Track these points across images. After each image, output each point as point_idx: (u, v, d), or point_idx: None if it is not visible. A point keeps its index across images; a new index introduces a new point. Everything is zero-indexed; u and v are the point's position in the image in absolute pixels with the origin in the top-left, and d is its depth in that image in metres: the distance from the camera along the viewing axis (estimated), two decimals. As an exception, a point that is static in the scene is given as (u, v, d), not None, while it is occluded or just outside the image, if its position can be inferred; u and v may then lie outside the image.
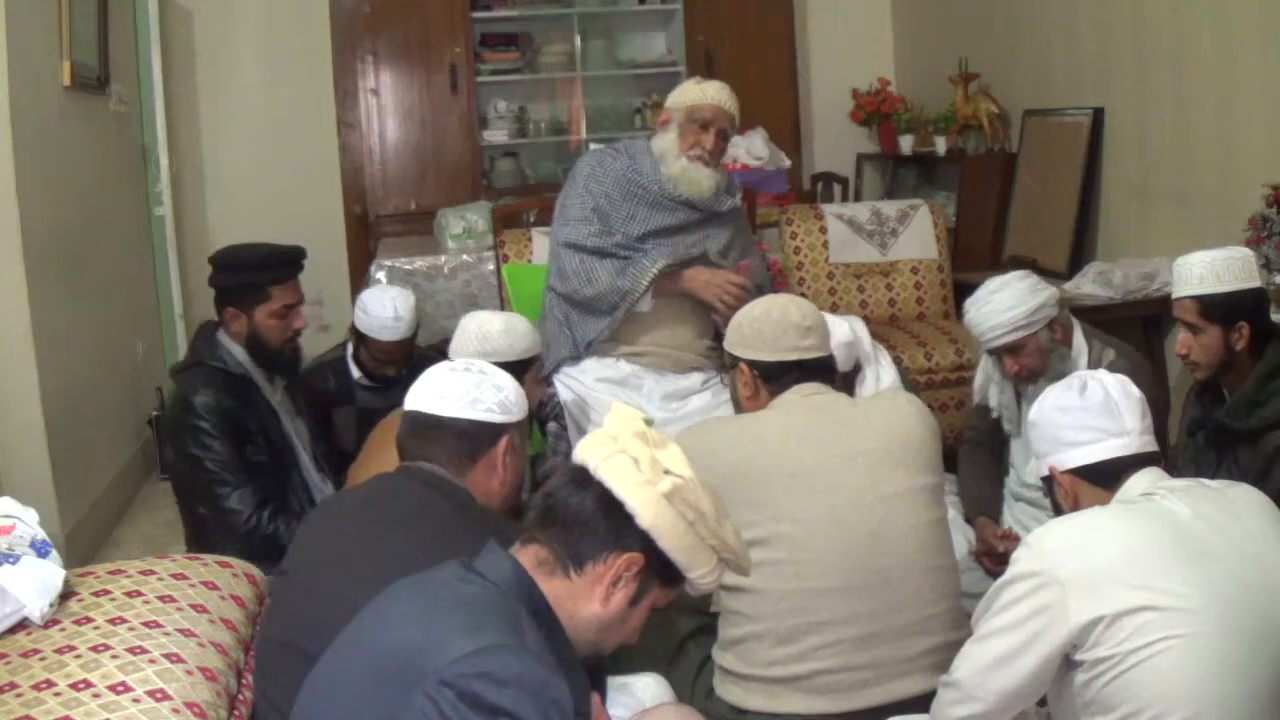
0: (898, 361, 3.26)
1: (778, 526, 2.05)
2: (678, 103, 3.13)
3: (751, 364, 2.24)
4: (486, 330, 2.65)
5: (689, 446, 2.12)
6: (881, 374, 2.90)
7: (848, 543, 2.04)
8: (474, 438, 1.92)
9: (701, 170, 3.09)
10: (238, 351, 2.85)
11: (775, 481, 2.07)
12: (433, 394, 1.94)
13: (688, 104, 3.10)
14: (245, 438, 2.77)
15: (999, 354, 2.77)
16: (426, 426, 1.94)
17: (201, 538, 2.89)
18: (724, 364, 3.27)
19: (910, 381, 3.16)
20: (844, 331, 2.77)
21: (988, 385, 2.96)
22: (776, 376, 2.21)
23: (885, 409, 2.19)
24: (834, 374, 2.30)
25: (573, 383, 3.14)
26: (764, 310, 2.27)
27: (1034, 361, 2.73)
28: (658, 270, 3.05)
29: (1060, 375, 2.69)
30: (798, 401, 2.18)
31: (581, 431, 3.04)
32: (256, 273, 2.84)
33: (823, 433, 2.11)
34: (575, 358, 3.16)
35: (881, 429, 2.12)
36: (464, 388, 1.92)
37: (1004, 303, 2.71)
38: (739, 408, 2.35)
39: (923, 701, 1.98)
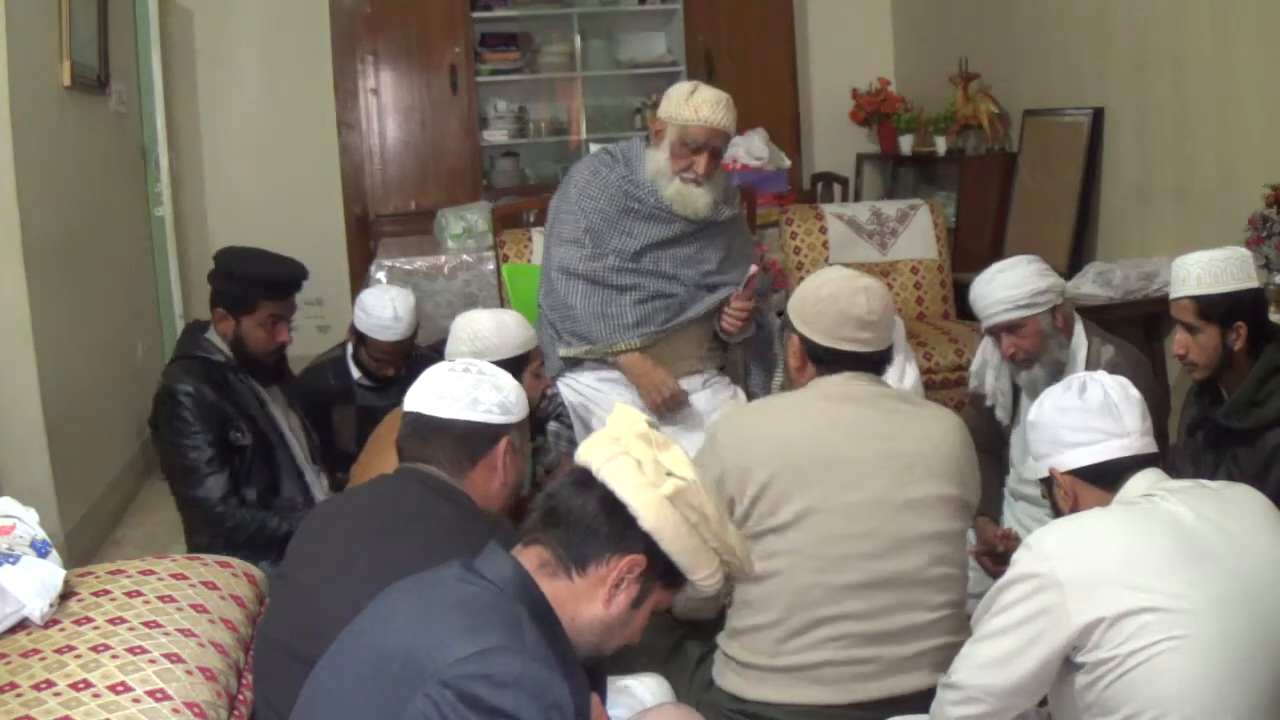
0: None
1: (802, 518, 2.05)
2: (670, 117, 2.98)
3: (804, 339, 2.22)
4: (477, 329, 2.63)
5: (729, 429, 2.14)
6: (907, 370, 2.89)
7: (870, 541, 2.04)
8: (474, 439, 1.91)
9: (695, 191, 3.00)
10: (222, 345, 2.90)
11: (811, 471, 2.06)
12: (432, 395, 1.93)
13: (679, 123, 2.96)
14: (228, 423, 2.82)
15: (998, 333, 2.78)
16: (426, 428, 1.93)
17: (195, 530, 2.90)
18: (725, 362, 3.28)
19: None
20: None
21: (984, 370, 2.96)
22: (826, 361, 2.19)
23: (928, 417, 2.17)
24: (886, 364, 2.26)
25: (575, 383, 3.13)
26: (833, 293, 2.20)
27: (1031, 344, 2.74)
28: (627, 348, 3.01)
29: (1056, 364, 2.72)
30: (843, 387, 2.15)
31: (587, 430, 3.03)
32: (251, 286, 2.88)
33: (863, 429, 2.11)
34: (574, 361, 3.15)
35: (919, 435, 2.11)
36: (463, 389, 1.91)
37: (1010, 280, 2.73)
38: (788, 371, 2.34)
39: (923, 697, 1.99)
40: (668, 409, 3.02)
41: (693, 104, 2.94)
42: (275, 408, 2.96)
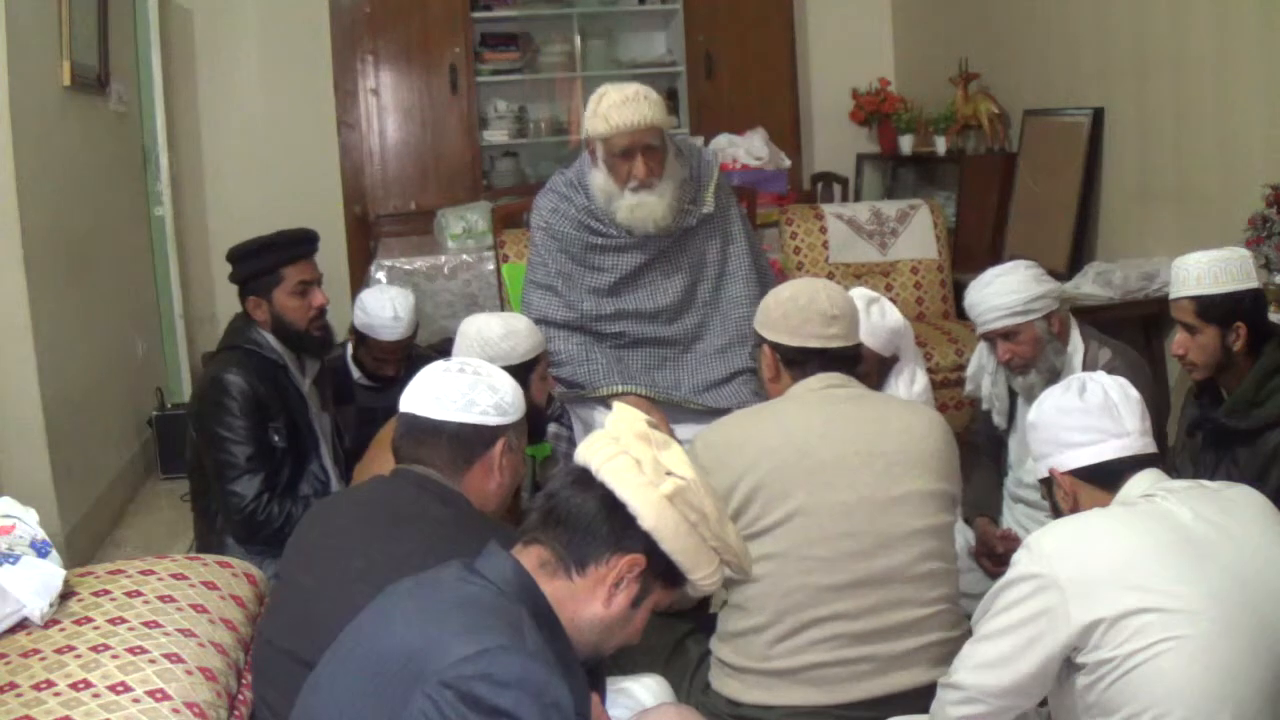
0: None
1: (786, 521, 2.06)
2: (592, 134, 2.80)
3: (774, 346, 2.24)
4: (487, 335, 2.58)
5: (709, 445, 2.14)
6: (917, 375, 2.89)
7: (856, 541, 2.05)
8: (469, 441, 1.90)
9: (649, 199, 2.81)
10: (270, 337, 2.87)
11: (795, 475, 2.07)
12: (427, 396, 1.91)
13: (599, 137, 2.78)
14: (269, 422, 2.79)
15: (993, 339, 2.78)
16: (421, 429, 1.91)
17: (210, 523, 2.89)
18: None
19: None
20: (895, 318, 2.78)
21: (980, 374, 2.96)
22: (799, 362, 2.21)
23: (907, 414, 2.19)
24: (858, 363, 2.29)
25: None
26: (792, 294, 2.25)
27: (1027, 350, 2.74)
28: (609, 392, 2.91)
29: (1052, 370, 2.73)
30: (820, 392, 2.17)
31: (588, 432, 3.01)
32: (266, 256, 2.85)
33: (844, 429, 2.11)
34: None
35: (901, 432, 2.12)
36: (459, 389, 1.89)
37: (1006, 287, 2.73)
38: (763, 387, 2.36)
39: (919, 694, 2.00)
40: None
41: (601, 114, 2.77)
42: (313, 408, 2.95)
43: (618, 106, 2.74)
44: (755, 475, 2.07)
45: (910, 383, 2.86)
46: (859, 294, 2.79)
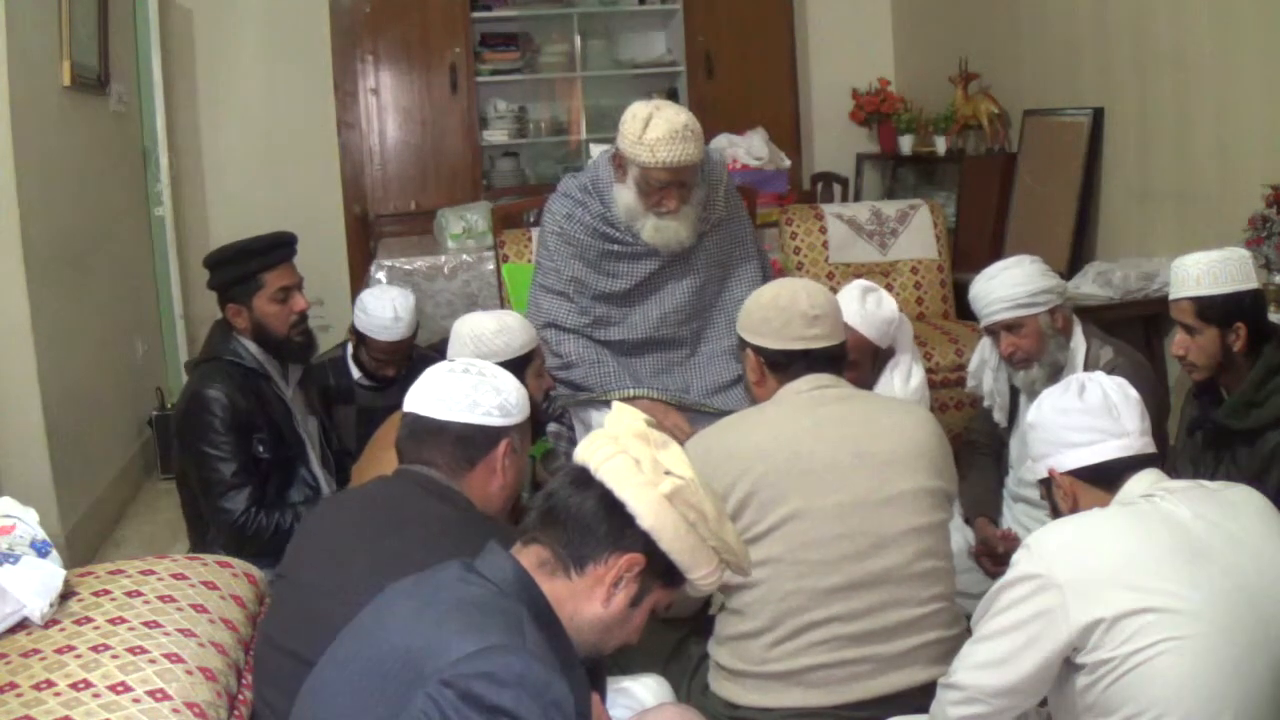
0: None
1: (786, 524, 2.06)
2: (628, 155, 2.74)
3: (758, 351, 2.24)
4: (479, 332, 2.58)
5: (702, 453, 2.14)
6: (913, 370, 2.89)
7: (852, 542, 2.05)
8: (473, 441, 1.90)
9: (674, 223, 2.82)
10: (251, 347, 2.85)
11: (788, 479, 2.07)
12: (431, 396, 1.92)
13: (637, 164, 2.74)
14: (254, 432, 2.77)
15: (997, 332, 2.79)
16: (424, 430, 1.92)
17: (203, 531, 2.89)
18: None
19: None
20: (890, 309, 2.78)
21: (982, 370, 2.97)
22: (783, 365, 2.20)
23: (897, 412, 2.20)
24: (844, 363, 2.29)
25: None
26: (773, 296, 2.25)
27: (1030, 344, 2.74)
28: (621, 396, 2.88)
29: (1055, 365, 2.74)
30: (808, 394, 2.17)
31: (588, 431, 3.01)
32: (245, 263, 2.83)
33: (836, 430, 2.11)
34: None
35: (892, 431, 2.12)
36: (463, 390, 1.90)
37: (1011, 279, 2.75)
38: (750, 391, 2.35)
39: (919, 693, 2.00)
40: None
41: (647, 144, 2.69)
42: (298, 414, 2.94)
43: (666, 143, 2.67)
44: (749, 480, 2.07)
45: (906, 378, 2.86)
46: (856, 285, 2.80)
